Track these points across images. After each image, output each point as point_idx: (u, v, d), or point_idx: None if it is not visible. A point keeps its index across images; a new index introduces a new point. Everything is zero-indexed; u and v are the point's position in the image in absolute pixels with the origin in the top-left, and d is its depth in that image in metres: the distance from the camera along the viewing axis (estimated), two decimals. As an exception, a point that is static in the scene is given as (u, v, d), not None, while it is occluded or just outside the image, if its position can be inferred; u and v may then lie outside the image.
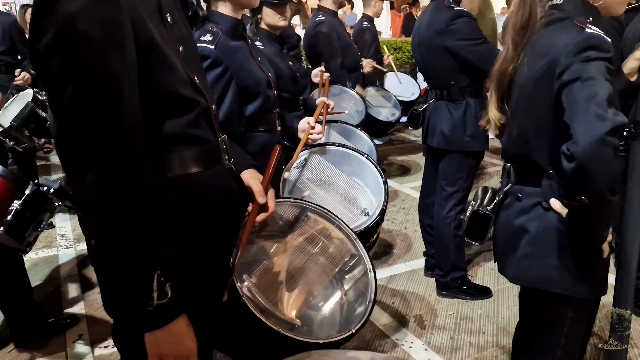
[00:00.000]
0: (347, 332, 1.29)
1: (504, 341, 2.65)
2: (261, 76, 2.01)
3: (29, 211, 2.05)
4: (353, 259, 1.46)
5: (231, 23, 1.94)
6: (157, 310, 0.97)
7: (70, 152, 0.95)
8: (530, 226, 1.49)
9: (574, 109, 1.26)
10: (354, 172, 2.26)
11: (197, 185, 1.13)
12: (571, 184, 1.29)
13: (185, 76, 1.10)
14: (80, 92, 0.91)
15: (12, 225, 2.00)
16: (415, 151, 6.33)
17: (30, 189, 2.06)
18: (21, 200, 2.02)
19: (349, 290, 1.43)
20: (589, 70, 1.27)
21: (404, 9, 11.45)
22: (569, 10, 1.42)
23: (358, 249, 1.47)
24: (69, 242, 3.89)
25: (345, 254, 1.46)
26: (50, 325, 2.73)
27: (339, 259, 1.44)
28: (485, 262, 3.49)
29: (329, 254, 1.43)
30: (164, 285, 0.97)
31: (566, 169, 1.26)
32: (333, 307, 1.39)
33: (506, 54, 1.53)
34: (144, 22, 0.99)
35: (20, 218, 2.02)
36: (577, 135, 1.23)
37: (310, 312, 1.36)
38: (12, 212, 1.99)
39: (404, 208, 4.47)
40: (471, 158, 2.96)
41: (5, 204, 2.01)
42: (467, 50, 2.74)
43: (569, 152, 1.24)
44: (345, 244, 1.48)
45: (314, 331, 1.32)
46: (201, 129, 1.14)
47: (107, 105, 0.93)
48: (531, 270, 1.50)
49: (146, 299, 0.96)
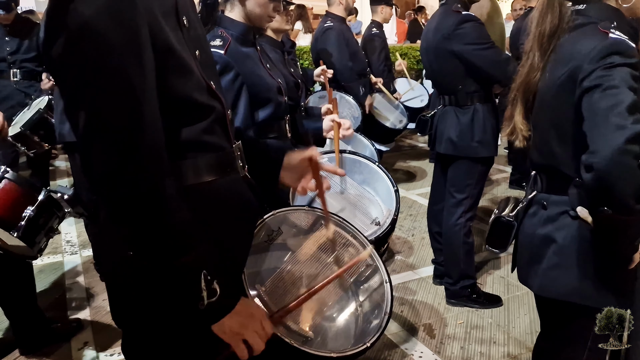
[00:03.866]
0: (361, 346, 1.25)
1: (515, 351, 2.61)
2: (271, 83, 1.99)
3: (42, 217, 2.04)
4: (369, 269, 1.42)
5: (242, 29, 1.92)
6: (211, 307, 0.98)
7: (93, 162, 0.91)
8: (557, 235, 1.46)
9: (594, 119, 1.23)
10: (365, 180, 2.23)
11: (211, 194, 1.11)
12: (593, 195, 1.26)
13: (202, 81, 1.07)
14: (98, 98, 0.89)
15: (26, 231, 1.99)
16: (422, 157, 6.30)
17: (43, 194, 2.05)
18: (34, 207, 2.02)
19: (365, 302, 1.39)
20: (611, 78, 1.24)
21: (409, 15, 11.46)
22: (592, 15, 1.39)
23: (374, 259, 1.43)
24: (74, 249, 3.87)
25: (361, 264, 1.42)
26: (56, 332, 2.71)
27: (354, 268, 1.41)
28: (495, 270, 3.45)
29: (344, 264, 1.39)
30: (212, 283, 0.98)
31: (585, 180, 1.22)
32: (348, 319, 1.36)
33: (532, 62, 1.49)
34: (161, 26, 0.96)
35: (33, 224, 2.01)
36: (595, 145, 1.20)
37: (324, 323, 1.33)
38: (25, 218, 1.98)
39: (411, 215, 4.44)
40: (480, 164, 2.93)
41: (18, 209, 2.00)
42: (474, 55, 2.72)
43: (587, 163, 1.21)
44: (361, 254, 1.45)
45: (328, 343, 1.29)
46: (216, 136, 1.12)
47: (128, 110, 0.90)
48: (559, 282, 1.46)
49: (195, 300, 0.97)
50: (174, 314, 1.01)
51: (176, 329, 1.05)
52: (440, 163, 3.16)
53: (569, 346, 1.53)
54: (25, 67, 4.01)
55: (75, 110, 0.90)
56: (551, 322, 1.61)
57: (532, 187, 1.58)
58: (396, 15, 10.60)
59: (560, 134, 1.43)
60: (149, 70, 0.94)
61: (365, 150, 2.74)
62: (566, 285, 1.45)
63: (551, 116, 1.45)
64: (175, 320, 1.02)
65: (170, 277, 0.96)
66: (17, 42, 3.98)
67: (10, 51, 3.96)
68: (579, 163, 1.32)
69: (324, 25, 4.37)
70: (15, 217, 1.98)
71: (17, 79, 3.98)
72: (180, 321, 1.02)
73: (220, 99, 1.13)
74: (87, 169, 0.93)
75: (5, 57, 3.95)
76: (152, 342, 1.10)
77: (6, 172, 2.03)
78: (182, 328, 1.04)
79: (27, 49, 4.01)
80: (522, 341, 2.69)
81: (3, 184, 2.00)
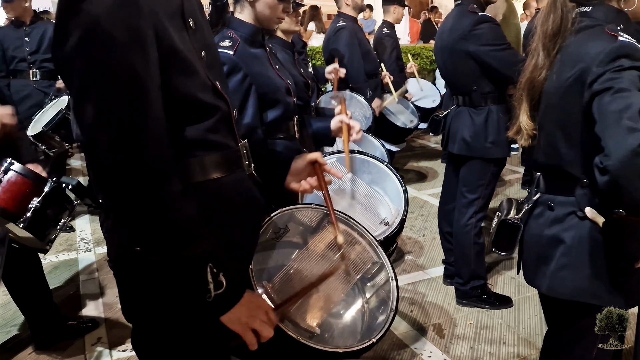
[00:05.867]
0: (367, 342, 1.27)
1: (525, 352, 2.60)
2: (280, 83, 2.00)
3: (49, 208, 2.07)
4: (375, 266, 1.44)
5: (251, 30, 1.94)
6: (218, 299, 1.01)
7: (99, 160, 0.94)
8: (565, 236, 1.46)
9: (606, 122, 1.24)
10: (374, 180, 2.24)
11: (217, 191, 1.13)
12: (607, 197, 1.26)
13: (207, 81, 1.10)
14: (103, 96, 0.91)
15: (32, 222, 2.02)
16: (433, 158, 6.28)
17: (49, 186, 2.08)
18: (40, 198, 2.04)
19: (371, 298, 1.41)
20: (621, 81, 1.24)
21: (423, 15, 11.43)
22: (598, 17, 1.40)
23: (380, 257, 1.45)
24: (88, 246, 3.93)
25: (367, 261, 1.44)
26: (70, 328, 2.76)
27: (361, 266, 1.42)
28: (506, 271, 3.44)
29: (351, 261, 1.41)
30: (218, 275, 1.00)
31: (600, 182, 1.23)
32: (355, 315, 1.37)
33: (536, 61, 1.50)
34: (165, 28, 0.99)
35: (40, 215, 2.04)
36: (609, 148, 1.21)
37: (331, 319, 1.34)
38: (31, 209, 2.01)
39: (422, 215, 4.43)
40: (492, 165, 2.92)
41: (24, 201, 2.03)
42: (490, 56, 2.71)
43: (601, 165, 1.22)
44: (367, 251, 1.47)
45: (335, 339, 1.30)
46: (221, 135, 1.14)
47: (132, 107, 0.93)
48: (568, 282, 1.46)
49: (202, 292, 0.99)
50: (182, 306, 1.04)
51: (185, 322, 1.08)
52: (452, 163, 3.16)
53: (578, 345, 1.52)
54: (44, 67, 4.07)
55: (81, 108, 0.93)
56: (558, 322, 1.61)
57: (537, 189, 1.58)
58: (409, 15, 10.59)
59: (567, 136, 1.43)
60: (154, 70, 0.96)
61: (376, 151, 2.75)
62: (575, 285, 1.45)
63: (558, 117, 1.45)
64: (184, 313, 1.05)
65: (177, 270, 0.99)
66: (37, 42, 4.04)
67: (30, 51, 4.02)
68: (586, 164, 1.33)
69: (336, 25, 4.37)
70: (22, 209, 2.01)
71: (37, 78, 4.04)
72: (189, 314, 1.05)
73: (225, 98, 1.15)
74: (93, 166, 0.96)
75: (25, 57, 4.01)
76: (161, 335, 1.13)
77: (12, 164, 2.05)
78: (191, 320, 1.07)
79: (47, 49, 4.06)
80: (532, 342, 2.67)
81: (9, 175, 2.03)
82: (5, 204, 2.00)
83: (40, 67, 4.06)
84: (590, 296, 1.44)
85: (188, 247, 0.98)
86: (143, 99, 0.94)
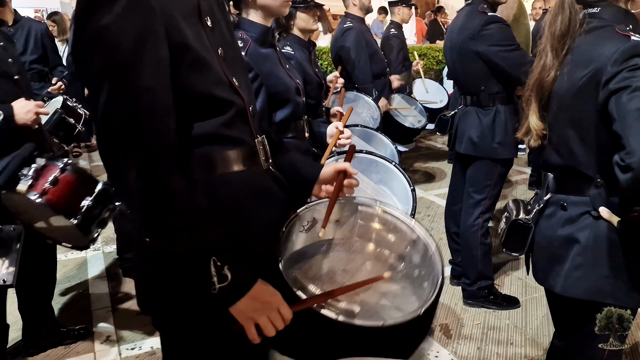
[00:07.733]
0: (415, 312, 1.16)
1: (532, 352, 2.60)
2: (290, 83, 2.02)
3: (97, 208, 2.17)
4: (413, 245, 1.35)
5: (261, 31, 1.95)
6: (223, 291, 1.02)
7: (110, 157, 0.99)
8: (580, 236, 1.46)
9: (626, 120, 1.24)
10: (382, 179, 2.24)
11: (230, 185, 1.14)
12: (629, 195, 1.26)
13: (223, 77, 1.12)
14: (114, 96, 0.95)
15: (83, 220, 2.11)
16: (441, 158, 6.27)
17: (100, 186, 2.19)
18: (92, 197, 2.14)
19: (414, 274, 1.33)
20: (637, 80, 1.25)
21: (429, 16, 11.41)
22: (607, 18, 1.40)
23: (415, 232, 1.38)
24: (97, 245, 3.95)
25: (402, 242, 1.38)
26: (63, 335, 2.73)
27: (397, 247, 1.37)
28: (513, 271, 3.44)
29: (387, 243, 1.36)
30: (222, 269, 1.01)
31: (622, 180, 1.23)
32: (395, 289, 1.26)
33: (545, 61, 1.51)
34: (178, 26, 1.02)
35: (90, 214, 2.14)
36: (630, 146, 1.21)
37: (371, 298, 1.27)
38: (84, 207, 2.11)
39: (429, 215, 4.43)
40: (500, 165, 2.92)
41: (78, 199, 2.13)
42: (499, 56, 2.71)
43: (623, 163, 1.22)
44: (403, 232, 1.40)
45: (377, 314, 1.23)
46: (236, 130, 1.16)
47: (140, 109, 0.96)
48: (583, 281, 1.46)
49: (206, 285, 1.01)
50: (190, 298, 1.06)
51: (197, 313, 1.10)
52: (459, 163, 3.16)
53: (590, 345, 1.52)
54: (33, 69, 4.00)
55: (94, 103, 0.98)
56: (571, 322, 1.60)
57: (547, 189, 1.58)
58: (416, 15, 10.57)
59: (580, 135, 1.44)
60: (163, 68, 0.99)
61: (386, 150, 2.75)
62: (591, 285, 1.45)
63: (571, 117, 1.46)
64: (194, 304, 1.07)
65: (181, 263, 1.02)
66: (23, 43, 3.94)
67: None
68: (600, 164, 1.33)
69: (343, 25, 4.39)
70: (75, 207, 2.11)
71: None
72: (198, 304, 1.07)
73: (241, 94, 1.16)
74: (104, 160, 1.00)
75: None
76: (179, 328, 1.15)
77: (68, 164, 2.16)
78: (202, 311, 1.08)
79: (32, 50, 4.00)
80: (539, 342, 2.67)
81: (65, 174, 2.13)
82: (64, 201, 2.11)
83: (30, 69, 3.94)
84: (606, 296, 1.44)
85: (189, 237, 1.00)
86: (151, 100, 0.97)
